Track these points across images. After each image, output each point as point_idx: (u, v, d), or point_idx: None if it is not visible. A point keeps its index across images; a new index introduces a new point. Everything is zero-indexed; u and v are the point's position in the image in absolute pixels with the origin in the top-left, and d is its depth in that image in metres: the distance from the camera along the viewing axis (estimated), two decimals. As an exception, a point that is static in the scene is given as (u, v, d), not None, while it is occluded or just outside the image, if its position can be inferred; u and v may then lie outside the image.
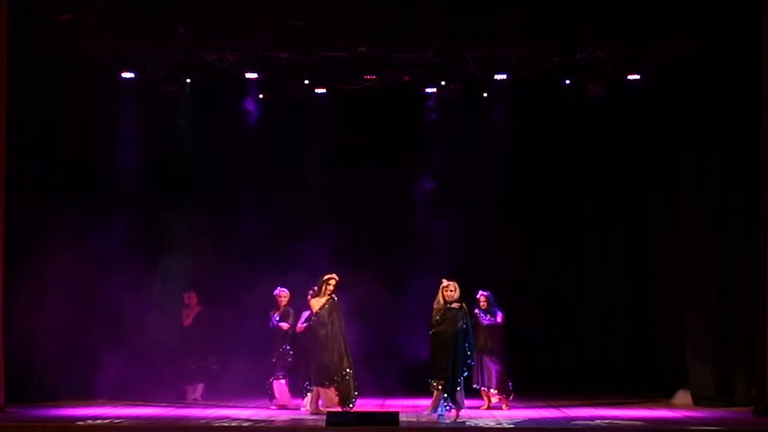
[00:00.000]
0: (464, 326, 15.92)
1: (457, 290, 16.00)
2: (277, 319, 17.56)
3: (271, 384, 17.56)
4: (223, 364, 18.68)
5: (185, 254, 19.85)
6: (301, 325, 17.09)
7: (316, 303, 16.56)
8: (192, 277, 19.50)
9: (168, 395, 18.39)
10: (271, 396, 17.55)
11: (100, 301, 19.10)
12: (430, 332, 15.99)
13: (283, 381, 17.49)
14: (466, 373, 16.16)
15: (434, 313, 16.02)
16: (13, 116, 16.86)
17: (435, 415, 15.77)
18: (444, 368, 15.69)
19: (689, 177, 18.50)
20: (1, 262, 16.58)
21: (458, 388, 15.80)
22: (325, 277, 16.67)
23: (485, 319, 17.52)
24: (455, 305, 15.94)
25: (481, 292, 17.63)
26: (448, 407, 15.68)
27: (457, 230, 20.26)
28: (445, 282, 16.07)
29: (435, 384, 15.80)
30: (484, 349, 17.42)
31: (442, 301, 15.97)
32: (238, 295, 18.88)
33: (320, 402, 16.46)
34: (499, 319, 17.56)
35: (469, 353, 15.96)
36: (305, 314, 17.13)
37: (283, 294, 17.64)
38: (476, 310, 17.43)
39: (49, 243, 18.42)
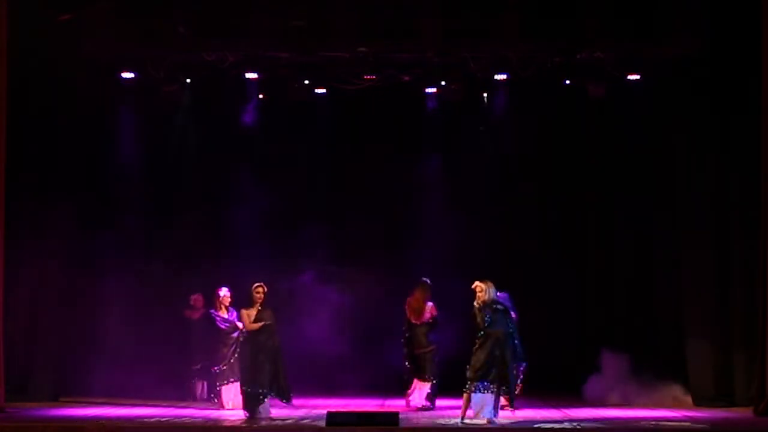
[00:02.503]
0: (511, 323, 15.70)
1: (485, 290, 15.54)
2: (228, 317, 17.48)
3: (220, 390, 17.52)
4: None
5: (185, 254, 19.85)
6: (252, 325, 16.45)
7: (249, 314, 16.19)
8: (192, 277, 19.46)
9: (169, 395, 18.38)
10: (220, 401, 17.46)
11: (101, 301, 19.10)
12: (478, 335, 15.50)
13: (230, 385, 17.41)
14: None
15: (474, 316, 15.54)
16: (13, 116, 16.88)
17: (487, 419, 15.35)
18: (502, 369, 15.36)
19: (689, 177, 18.51)
20: (1, 262, 16.58)
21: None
22: (254, 285, 16.30)
23: None
24: (500, 306, 15.63)
25: (498, 293, 17.54)
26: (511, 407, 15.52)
27: (457, 230, 20.26)
28: (473, 284, 15.70)
29: (490, 386, 15.30)
30: None
31: (477, 305, 15.54)
32: (237, 295, 18.87)
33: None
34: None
35: (515, 355, 15.70)
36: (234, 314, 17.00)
37: (227, 295, 17.58)
38: None
39: (48, 243, 18.43)
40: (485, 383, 15.33)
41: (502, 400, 16.59)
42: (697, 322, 18.30)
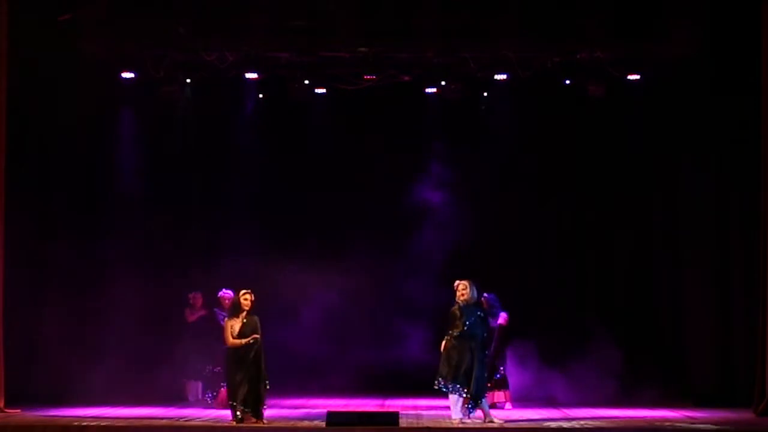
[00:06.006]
0: (487, 329, 15.65)
1: (468, 289, 15.51)
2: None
3: (221, 390, 17.46)
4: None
5: (185, 254, 19.85)
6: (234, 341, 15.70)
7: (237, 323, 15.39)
8: (193, 278, 19.46)
9: (167, 395, 18.39)
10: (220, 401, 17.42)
11: (101, 301, 19.10)
12: (453, 334, 15.45)
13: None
14: (498, 375, 15.97)
15: (455, 315, 15.52)
16: (13, 116, 16.88)
17: (458, 419, 15.36)
18: (469, 373, 15.32)
19: (689, 177, 18.54)
20: (1, 263, 16.59)
21: (485, 394, 15.62)
22: (241, 292, 15.53)
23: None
24: (480, 313, 15.56)
25: (484, 294, 17.59)
26: (471, 412, 15.44)
27: (456, 229, 20.25)
28: (456, 282, 15.69)
29: (460, 388, 15.32)
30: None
31: (459, 303, 15.55)
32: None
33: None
34: (501, 320, 17.57)
35: (487, 356, 15.70)
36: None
37: (227, 296, 17.61)
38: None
39: (49, 243, 18.44)
40: (456, 385, 15.33)
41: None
42: (697, 322, 18.30)
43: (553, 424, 15.44)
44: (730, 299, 18.02)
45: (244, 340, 15.22)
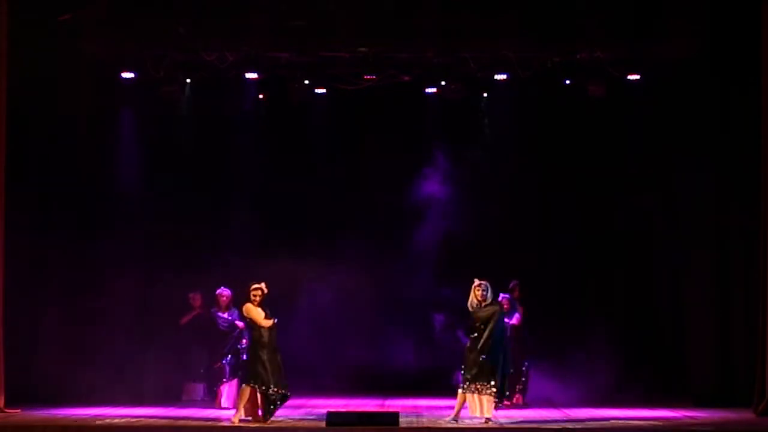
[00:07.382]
0: (504, 327, 15.64)
1: (489, 289, 15.57)
2: (228, 317, 17.60)
3: (219, 389, 17.59)
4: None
5: (185, 255, 19.84)
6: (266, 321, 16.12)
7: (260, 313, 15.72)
8: (193, 278, 19.44)
9: (167, 395, 18.40)
10: (218, 400, 17.54)
11: (101, 301, 19.09)
12: (472, 335, 15.50)
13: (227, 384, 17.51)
14: (511, 371, 16.00)
15: (474, 314, 15.52)
16: (13, 116, 16.89)
17: (480, 419, 15.33)
18: (493, 373, 15.31)
19: (689, 177, 18.51)
20: (1, 264, 16.59)
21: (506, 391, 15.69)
22: (252, 286, 15.78)
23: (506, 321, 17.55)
24: (495, 306, 15.62)
25: (502, 295, 17.60)
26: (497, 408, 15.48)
27: (456, 229, 20.25)
28: (476, 281, 15.65)
29: (487, 387, 15.30)
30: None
31: (476, 303, 15.54)
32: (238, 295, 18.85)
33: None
34: (514, 320, 17.63)
35: (508, 355, 15.67)
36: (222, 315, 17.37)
37: (225, 294, 17.61)
38: None
39: (49, 243, 18.44)
40: (479, 384, 15.32)
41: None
42: (697, 322, 18.29)
43: (553, 425, 15.43)
44: (730, 299, 18.02)
45: (272, 321, 15.54)
